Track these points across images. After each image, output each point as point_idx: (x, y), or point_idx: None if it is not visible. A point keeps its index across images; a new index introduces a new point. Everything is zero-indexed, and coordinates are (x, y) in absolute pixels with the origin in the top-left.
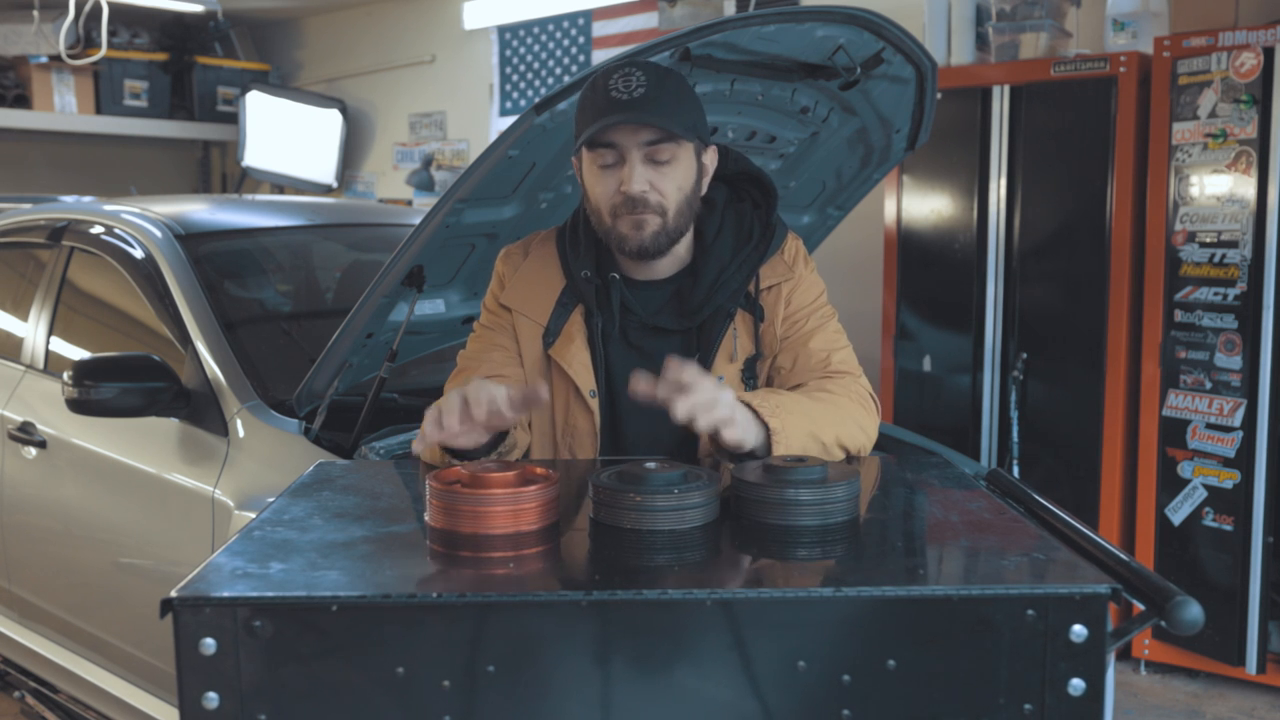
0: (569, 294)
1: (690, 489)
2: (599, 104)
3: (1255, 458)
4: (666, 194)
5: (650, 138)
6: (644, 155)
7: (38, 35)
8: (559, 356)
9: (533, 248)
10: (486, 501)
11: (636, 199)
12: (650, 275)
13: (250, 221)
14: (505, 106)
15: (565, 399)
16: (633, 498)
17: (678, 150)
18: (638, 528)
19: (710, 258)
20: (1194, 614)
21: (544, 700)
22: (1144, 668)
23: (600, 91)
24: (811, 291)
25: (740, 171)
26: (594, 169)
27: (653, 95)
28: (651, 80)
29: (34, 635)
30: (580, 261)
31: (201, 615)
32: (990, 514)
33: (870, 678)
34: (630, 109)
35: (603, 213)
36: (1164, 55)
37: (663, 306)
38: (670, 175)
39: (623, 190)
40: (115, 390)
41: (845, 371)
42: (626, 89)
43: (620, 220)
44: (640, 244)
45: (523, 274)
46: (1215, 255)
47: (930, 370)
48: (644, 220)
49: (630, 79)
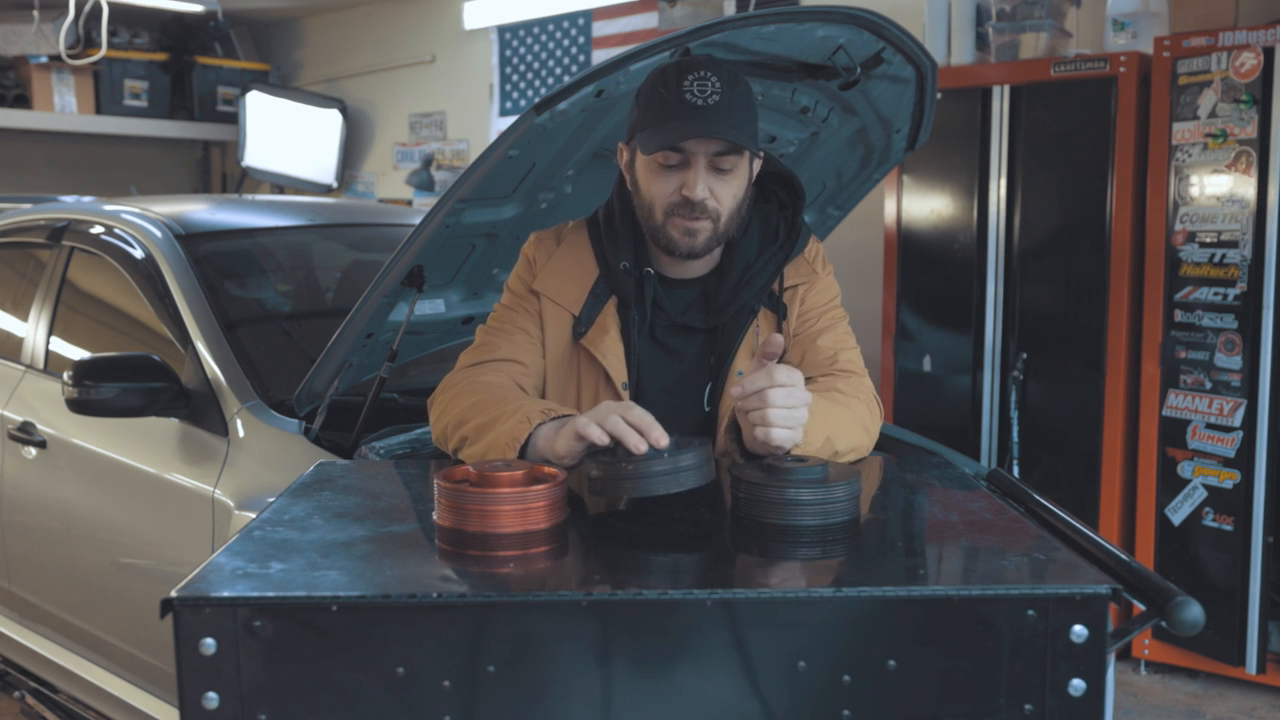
0: (602, 285)
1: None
2: (672, 106)
3: (1255, 458)
4: (724, 201)
5: (720, 148)
6: (709, 162)
7: (38, 35)
8: (592, 347)
9: (565, 235)
10: (494, 500)
11: (697, 204)
12: (683, 273)
13: (250, 221)
14: (505, 106)
15: (594, 390)
16: (627, 467)
17: (740, 160)
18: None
19: (737, 256)
20: (1194, 614)
21: (544, 700)
22: (1144, 668)
23: (674, 92)
24: (826, 293)
25: (768, 171)
26: (653, 166)
27: (726, 104)
28: (725, 87)
29: (34, 635)
30: (619, 254)
31: (201, 615)
32: (990, 514)
33: (870, 678)
34: (707, 119)
35: (655, 210)
36: (1164, 55)
37: (690, 305)
38: (730, 184)
39: (684, 194)
40: (115, 390)
41: (852, 371)
42: (702, 94)
43: (672, 222)
44: (691, 249)
45: (556, 261)
46: (1215, 255)
47: (930, 370)
48: (698, 227)
49: (706, 84)
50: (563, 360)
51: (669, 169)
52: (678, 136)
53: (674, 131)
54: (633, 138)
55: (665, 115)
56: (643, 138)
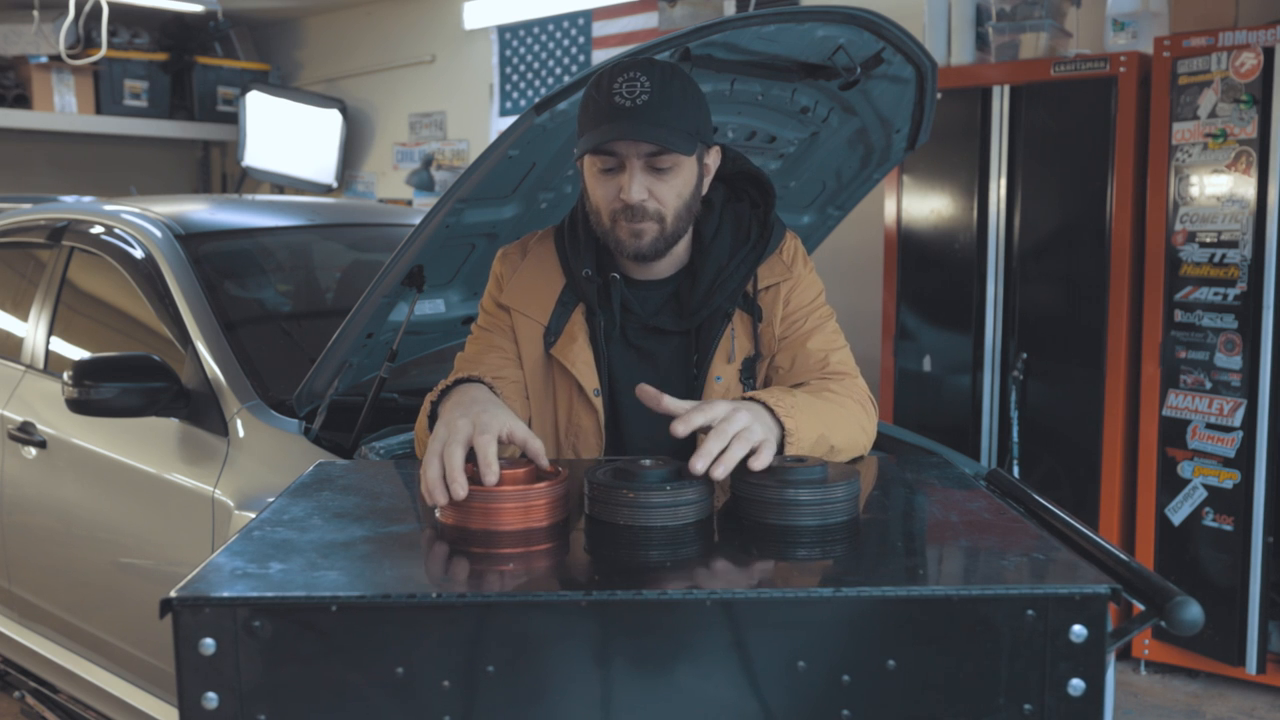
0: (569, 293)
1: (683, 486)
2: (602, 109)
3: (1255, 458)
4: (665, 201)
5: (652, 149)
6: (644, 163)
7: (38, 35)
8: (561, 355)
9: (530, 247)
10: (497, 499)
11: (635, 208)
12: (650, 275)
13: (250, 221)
14: (505, 106)
15: (568, 398)
16: (626, 494)
17: (679, 158)
18: (632, 524)
19: (708, 258)
20: (1194, 614)
21: (544, 700)
22: (1144, 668)
23: (604, 95)
24: (810, 291)
25: (738, 171)
26: (594, 171)
27: (656, 103)
28: (656, 85)
29: (34, 635)
30: (581, 260)
31: (201, 615)
32: (990, 514)
33: (870, 678)
34: (633, 118)
35: (602, 215)
36: (1164, 55)
37: (662, 307)
38: (670, 183)
39: (621, 198)
40: (115, 390)
41: (844, 373)
42: (630, 95)
43: (618, 226)
44: (638, 250)
45: (522, 274)
46: (1215, 255)
47: (930, 370)
48: (642, 229)
49: (634, 84)
50: (538, 371)
51: (607, 173)
52: (603, 138)
53: (601, 134)
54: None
55: (597, 119)
56: (579, 144)
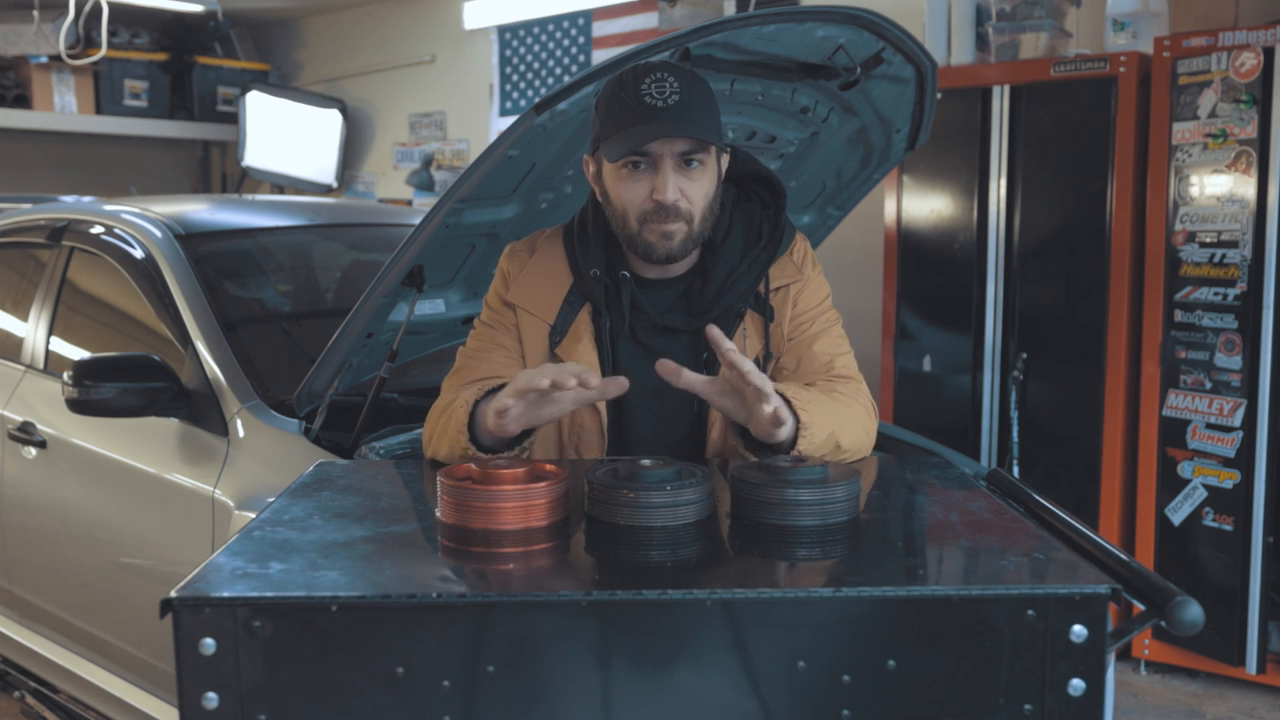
0: (576, 292)
1: (684, 485)
2: (632, 110)
3: (1255, 458)
4: (695, 201)
5: (686, 148)
6: (676, 163)
7: (38, 35)
8: (565, 355)
9: (539, 245)
10: (497, 498)
11: (669, 208)
12: (661, 274)
13: (250, 221)
14: (505, 106)
15: None
16: (627, 494)
17: (707, 157)
18: (632, 524)
19: (720, 258)
20: (1194, 614)
21: (544, 700)
22: (1144, 668)
23: (632, 97)
24: (818, 294)
25: (748, 172)
26: (621, 173)
27: (686, 102)
28: (684, 86)
29: (34, 635)
30: (590, 260)
31: (201, 615)
32: (990, 514)
33: (870, 678)
34: (668, 118)
35: (629, 218)
36: (1164, 55)
37: (672, 306)
38: (699, 182)
39: (655, 198)
40: (115, 390)
41: (849, 377)
42: (661, 95)
43: (648, 227)
44: (668, 251)
45: (529, 271)
46: (1215, 255)
47: (930, 370)
48: (673, 230)
49: (664, 85)
50: None
51: (637, 174)
52: (642, 139)
53: (638, 135)
54: (597, 148)
55: (627, 120)
56: (607, 146)
